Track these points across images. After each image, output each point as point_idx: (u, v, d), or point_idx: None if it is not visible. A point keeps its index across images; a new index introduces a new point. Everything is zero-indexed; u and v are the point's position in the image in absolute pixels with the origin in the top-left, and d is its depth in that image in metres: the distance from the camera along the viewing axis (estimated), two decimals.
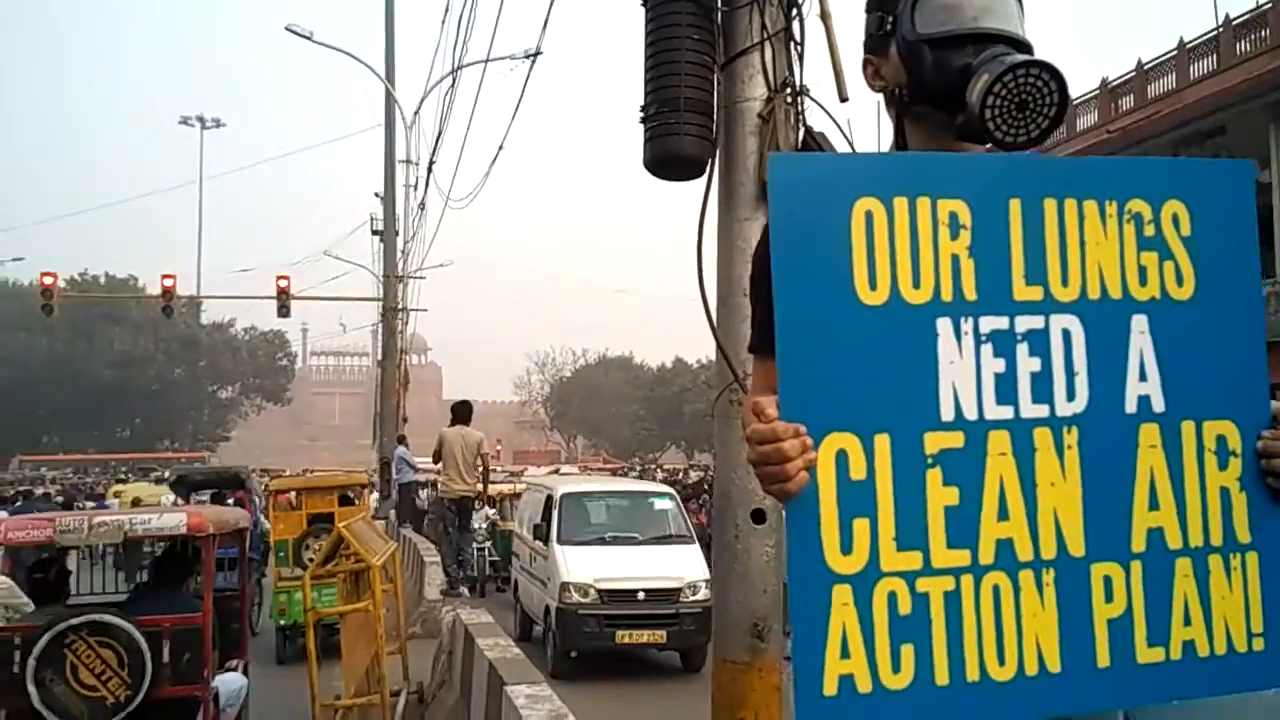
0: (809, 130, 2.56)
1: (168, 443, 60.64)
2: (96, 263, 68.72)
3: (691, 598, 10.10)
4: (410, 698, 8.47)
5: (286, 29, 22.51)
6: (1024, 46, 1.62)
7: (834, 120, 2.35)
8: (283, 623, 10.99)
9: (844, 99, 2.42)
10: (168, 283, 25.67)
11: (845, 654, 1.36)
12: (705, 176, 2.70)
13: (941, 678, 1.39)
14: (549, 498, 11.90)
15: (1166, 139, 18.53)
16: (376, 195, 25.02)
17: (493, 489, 19.68)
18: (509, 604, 14.48)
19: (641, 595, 10.24)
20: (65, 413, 55.87)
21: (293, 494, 12.95)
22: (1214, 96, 17.59)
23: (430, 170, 19.03)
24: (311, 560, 9.47)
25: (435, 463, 13.04)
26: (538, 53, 11.88)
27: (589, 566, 10.54)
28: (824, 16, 2.70)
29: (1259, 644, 1.51)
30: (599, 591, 10.29)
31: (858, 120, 1.96)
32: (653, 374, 67.91)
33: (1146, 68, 21.22)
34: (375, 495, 13.81)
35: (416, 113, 23.17)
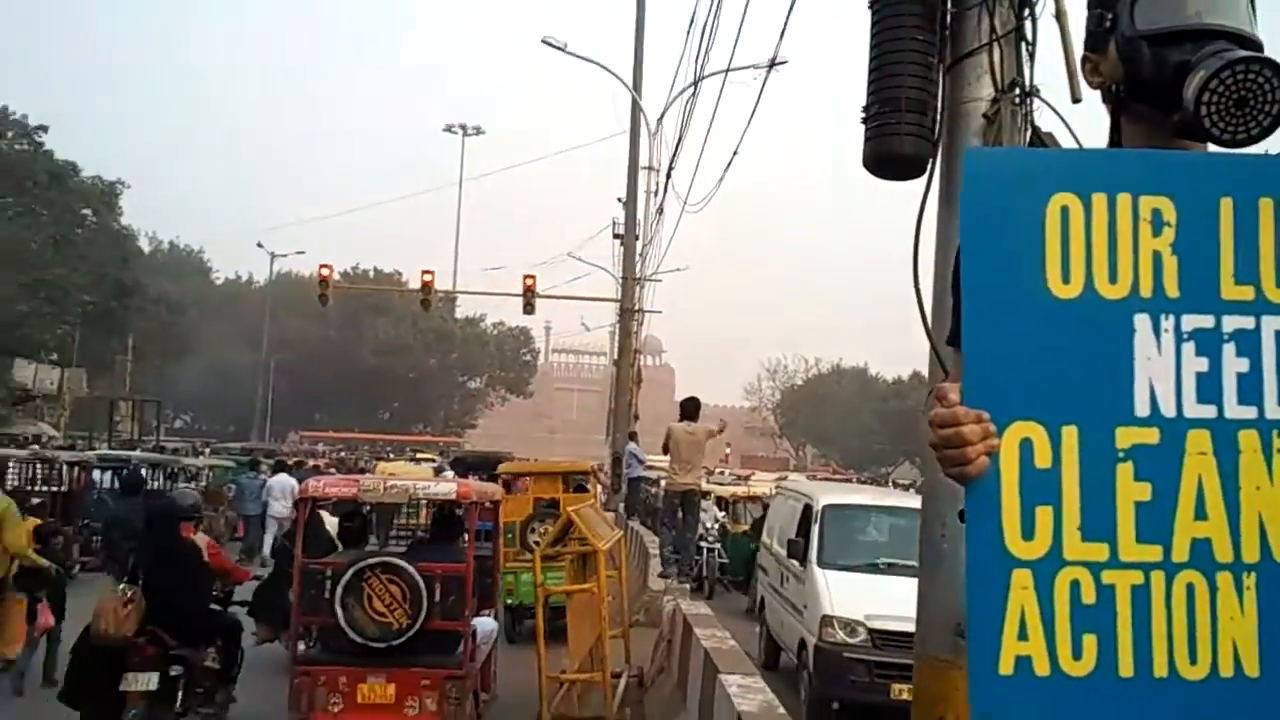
0: (1036, 130, 2.53)
1: (421, 426, 64.90)
2: (366, 258, 74.48)
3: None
4: (630, 680, 8.79)
5: (542, 41, 23.65)
6: (1250, 43, 1.58)
7: (1064, 121, 2.32)
8: (510, 602, 11.36)
9: (1077, 100, 2.39)
10: (427, 278, 27.43)
11: (1023, 636, 1.40)
12: (925, 176, 2.72)
13: (1126, 670, 1.40)
14: (808, 508, 10.32)
15: None
16: (619, 200, 25.90)
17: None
18: (739, 611, 14.00)
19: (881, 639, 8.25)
20: (334, 394, 61.01)
21: (528, 479, 13.55)
22: None
23: (669, 176, 19.50)
24: (537, 544, 10.02)
25: (664, 454, 13.07)
26: (779, 63, 11.91)
27: (858, 599, 8.64)
28: (1059, 15, 2.66)
29: None
30: (871, 632, 8.36)
31: (1095, 122, 1.94)
32: (888, 386, 66.35)
33: None
34: (600, 487, 14.15)
35: (660, 120, 23.70)
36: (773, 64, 12.23)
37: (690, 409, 12.86)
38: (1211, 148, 1.59)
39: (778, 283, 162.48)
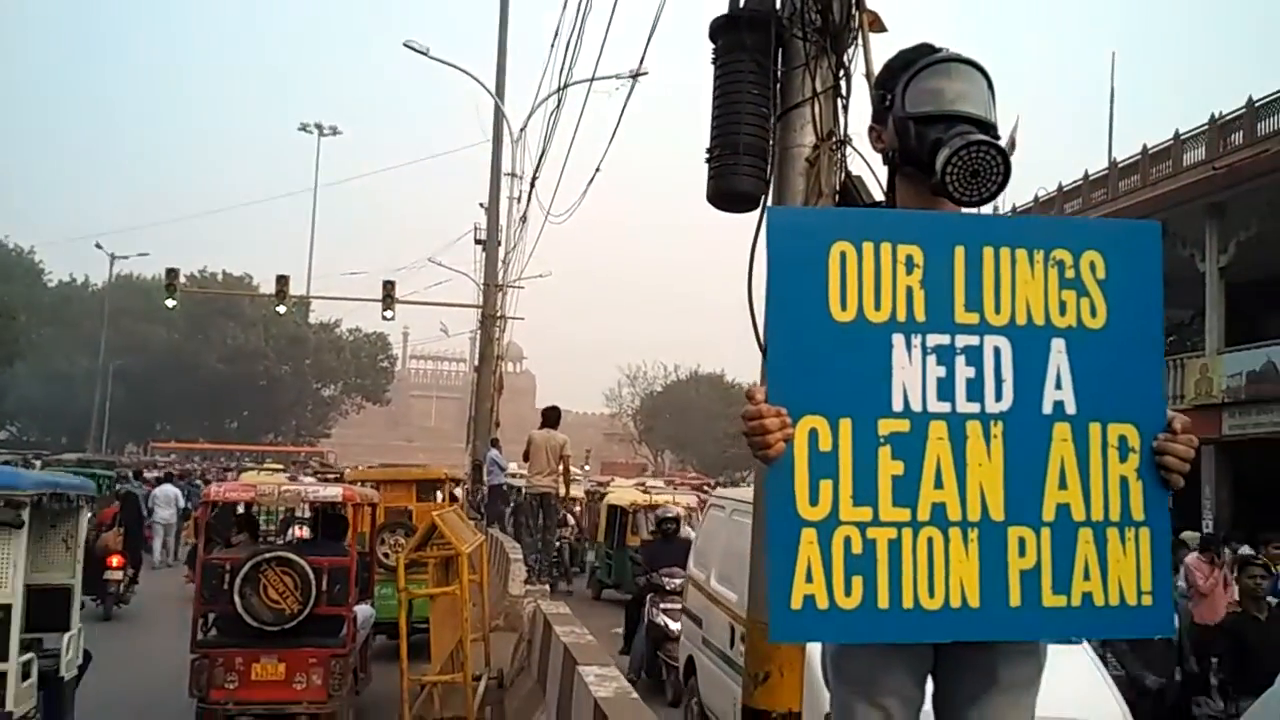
0: (848, 174, 3.01)
1: (272, 435, 63.01)
2: (215, 261, 71.86)
3: None
4: (490, 682, 9.05)
5: (405, 45, 23.60)
6: (988, 128, 2.08)
7: (869, 166, 2.79)
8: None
9: (874, 149, 2.90)
10: (280, 282, 26.85)
11: (809, 579, 1.84)
12: (759, 210, 3.18)
13: (883, 603, 1.86)
14: None
15: (1275, 178, 18.25)
16: (481, 206, 26.01)
17: (614, 499, 19.80)
18: (584, 596, 14.35)
19: None
20: (179, 402, 58.59)
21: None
22: None
23: (533, 184, 19.80)
24: (386, 555, 10.25)
25: (525, 461, 13.65)
26: (640, 74, 12.33)
27: None
28: (868, 77, 3.15)
29: (1147, 600, 1.94)
30: None
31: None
32: (744, 392, 67.97)
33: (1258, 104, 20.87)
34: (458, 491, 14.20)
35: (523, 128, 23.96)
36: (635, 75, 12.64)
37: (552, 417, 13.45)
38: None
39: (638, 290, 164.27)
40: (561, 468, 13.25)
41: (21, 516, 5.23)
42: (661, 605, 9.76)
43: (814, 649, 3.25)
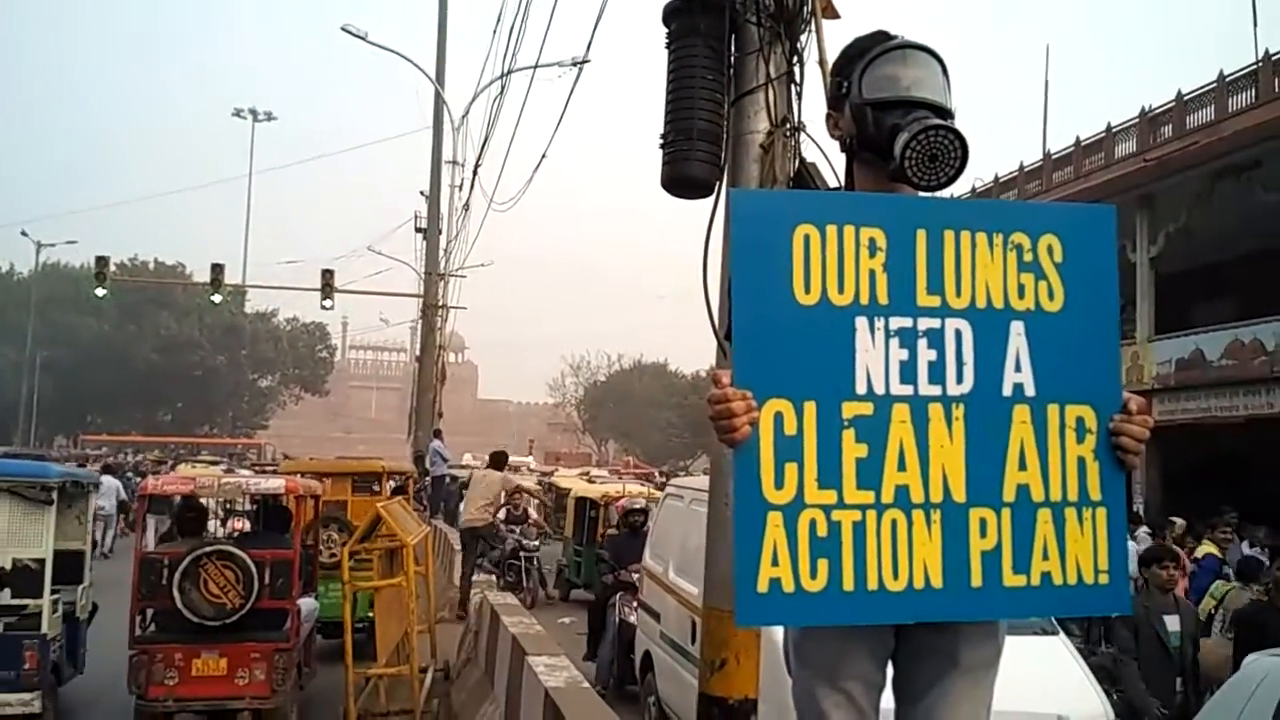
0: (803, 161, 3.00)
1: (207, 427, 61.83)
2: (146, 249, 70.16)
3: None
4: (437, 674, 8.98)
5: (342, 29, 23.23)
6: (945, 113, 2.09)
7: (824, 153, 2.80)
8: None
9: (830, 136, 2.90)
10: (215, 271, 26.34)
11: (775, 563, 1.84)
12: (713, 197, 3.17)
13: (848, 585, 1.87)
14: None
15: (1202, 170, 18.73)
16: (422, 194, 25.71)
17: (583, 491, 19.01)
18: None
19: None
20: (110, 394, 57.13)
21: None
22: (1252, 130, 17.78)
23: (476, 173, 19.62)
24: (319, 552, 10.03)
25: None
26: (584, 61, 12.24)
27: None
28: (821, 63, 3.16)
29: (1104, 579, 1.97)
30: None
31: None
32: (687, 382, 68.24)
33: (1186, 98, 21.39)
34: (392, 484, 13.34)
35: (465, 115, 23.72)
36: (578, 63, 12.56)
37: (499, 460, 14.41)
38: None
39: (583, 280, 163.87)
40: (498, 504, 13.89)
41: (51, 497, 7.36)
42: (633, 603, 9.00)
43: (773, 636, 3.27)
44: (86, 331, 54.96)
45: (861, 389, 1.91)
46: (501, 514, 14.39)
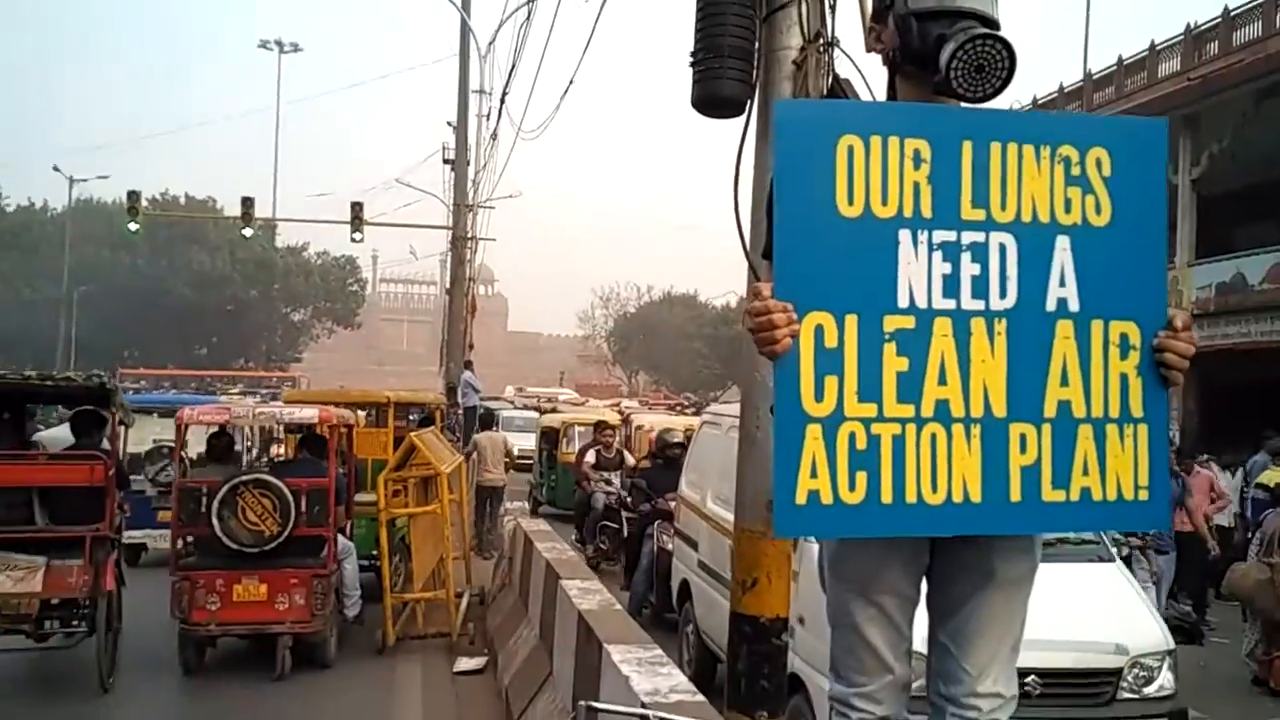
0: (836, 77, 2.94)
1: (242, 361, 62.51)
2: (177, 184, 70.25)
3: (1143, 691, 4.90)
4: (472, 599, 9.17)
5: None
6: (991, 22, 2.03)
7: (858, 69, 2.73)
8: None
9: (870, 51, 2.83)
10: (246, 205, 26.34)
11: (814, 475, 1.85)
12: (744, 115, 3.12)
13: (887, 498, 1.87)
14: None
15: (1248, 89, 18.21)
16: (449, 124, 25.47)
17: (549, 420, 19.12)
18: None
19: (1032, 685, 4.40)
20: (147, 329, 57.79)
21: None
22: None
23: (503, 101, 19.40)
24: None
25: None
26: None
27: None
28: None
29: (1144, 494, 1.96)
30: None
31: (880, 70, 2.38)
32: (716, 313, 68.11)
33: (1233, 14, 20.72)
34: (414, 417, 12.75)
35: (491, 43, 23.47)
36: None
37: (486, 420, 15.01)
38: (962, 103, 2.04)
39: (611, 212, 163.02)
40: (503, 466, 13.78)
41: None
42: (671, 532, 8.83)
43: (808, 555, 3.30)
44: (121, 267, 55.45)
45: (903, 302, 1.90)
46: (591, 457, 12.51)
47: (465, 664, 7.62)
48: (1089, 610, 4.90)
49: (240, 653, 7.59)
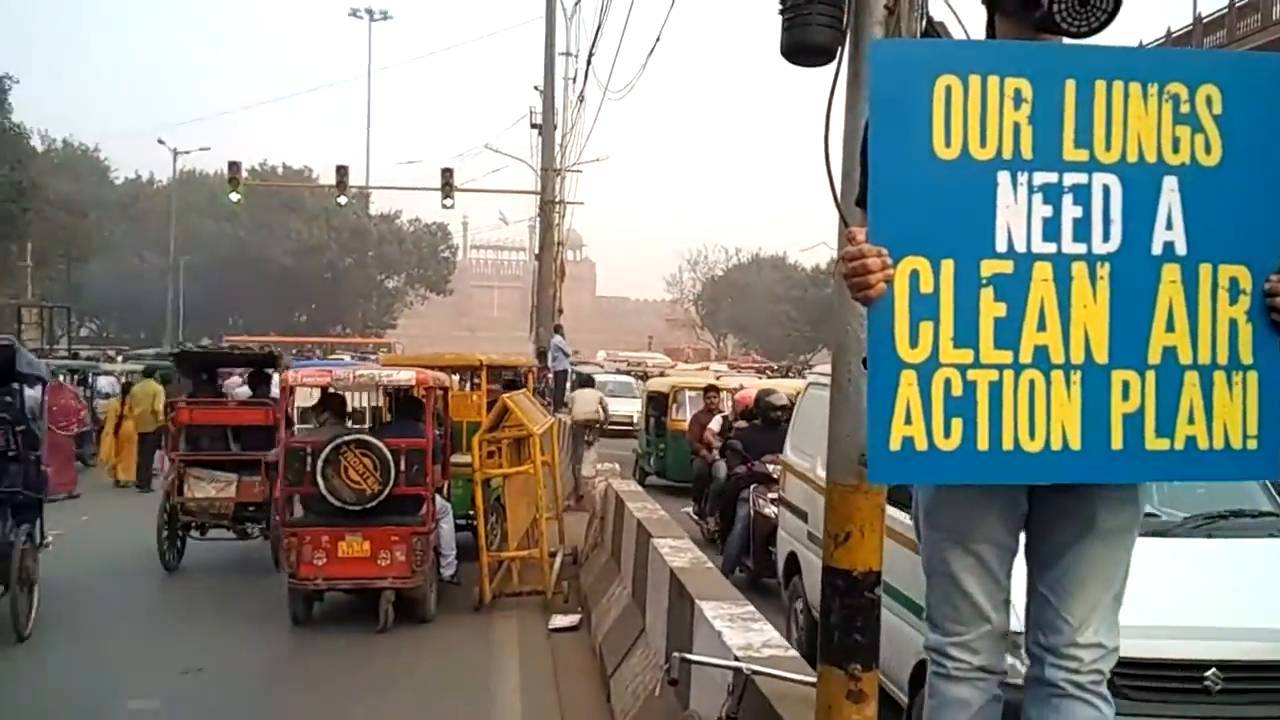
0: (930, 19, 2.86)
1: (340, 327, 64.11)
2: (274, 154, 72.10)
3: None
4: (565, 558, 9.32)
5: None
6: None
7: (952, 10, 2.67)
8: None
9: None
10: (340, 173, 26.83)
11: (908, 421, 1.84)
12: (835, 62, 3.06)
13: (983, 445, 1.85)
14: None
15: None
16: (536, 89, 25.58)
17: (656, 385, 18.93)
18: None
19: (1213, 680, 3.78)
20: (248, 296, 59.61)
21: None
22: None
23: (589, 62, 19.36)
24: None
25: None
26: None
27: None
28: None
29: (1253, 444, 1.90)
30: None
31: (977, 11, 2.32)
32: (806, 275, 67.40)
33: None
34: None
35: (577, 3, 23.36)
36: None
37: (586, 380, 16.32)
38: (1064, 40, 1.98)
39: (700, 172, 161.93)
40: (600, 413, 14.53)
41: None
42: (769, 495, 8.64)
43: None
44: (223, 237, 57.20)
45: (1002, 246, 1.87)
46: (715, 423, 12.00)
47: (560, 621, 7.76)
48: (1276, 592, 4.10)
49: (345, 606, 7.86)
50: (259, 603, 8.03)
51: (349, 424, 8.84)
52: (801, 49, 3.11)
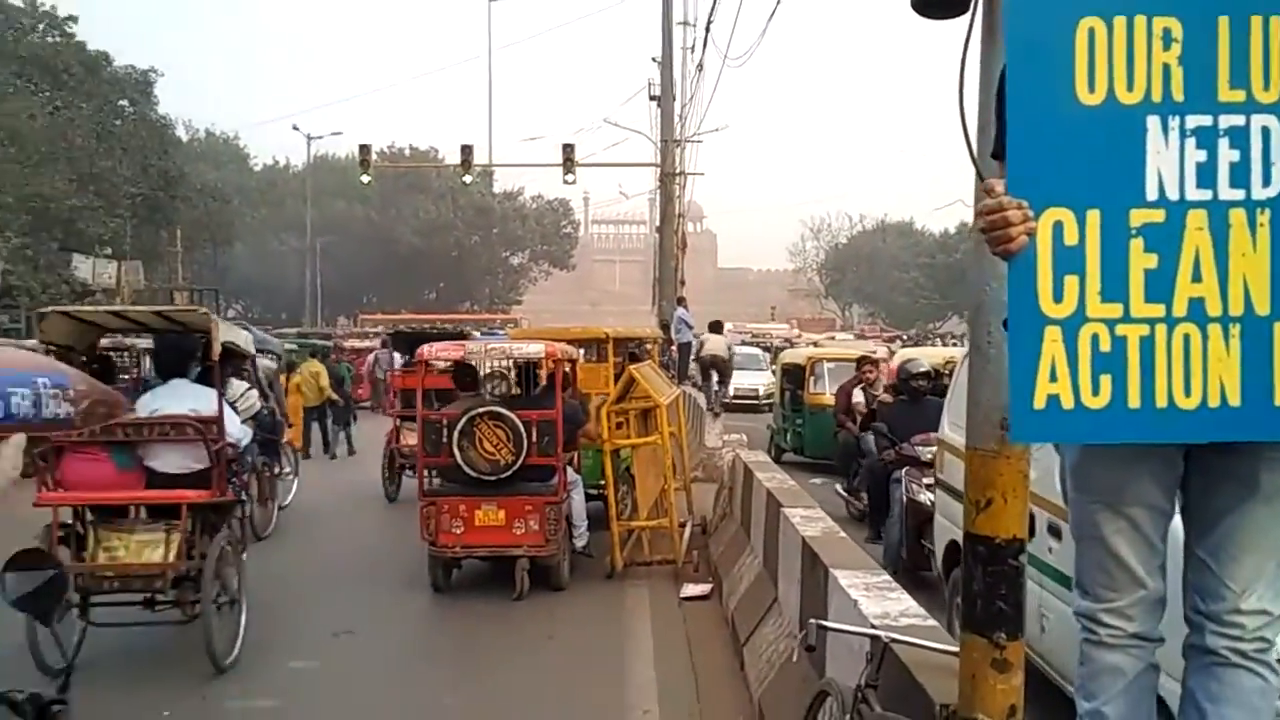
0: None
1: (468, 304, 65.58)
2: (400, 136, 73.96)
3: None
4: (694, 528, 9.38)
5: None
6: None
7: None
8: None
9: None
10: (465, 152, 27.33)
11: (1053, 378, 1.78)
12: (968, 15, 2.96)
13: (1134, 402, 1.78)
14: None
15: None
16: (654, 60, 25.50)
17: (791, 356, 18.83)
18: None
19: None
20: (380, 276, 61.54)
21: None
22: None
23: (708, 30, 19.20)
24: None
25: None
26: None
27: None
28: None
29: None
30: None
31: None
32: (934, 240, 65.67)
33: None
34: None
35: None
36: None
37: (716, 327, 18.11)
38: None
39: (821, 140, 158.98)
40: (729, 353, 17.10)
41: None
42: (923, 481, 7.89)
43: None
44: (355, 218, 59.11)
45: (1152, 194, 1.78)
46: (859, 396, 11.40)
47: (691, 590, 7.82)
48: None
49: (482, 574, 8.10)
50: (402, 569, 8.34)
51: (491, 394, 8.97)
52: (933, 1, 3.02)
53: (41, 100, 31.53)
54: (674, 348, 20.48)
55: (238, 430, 6.56)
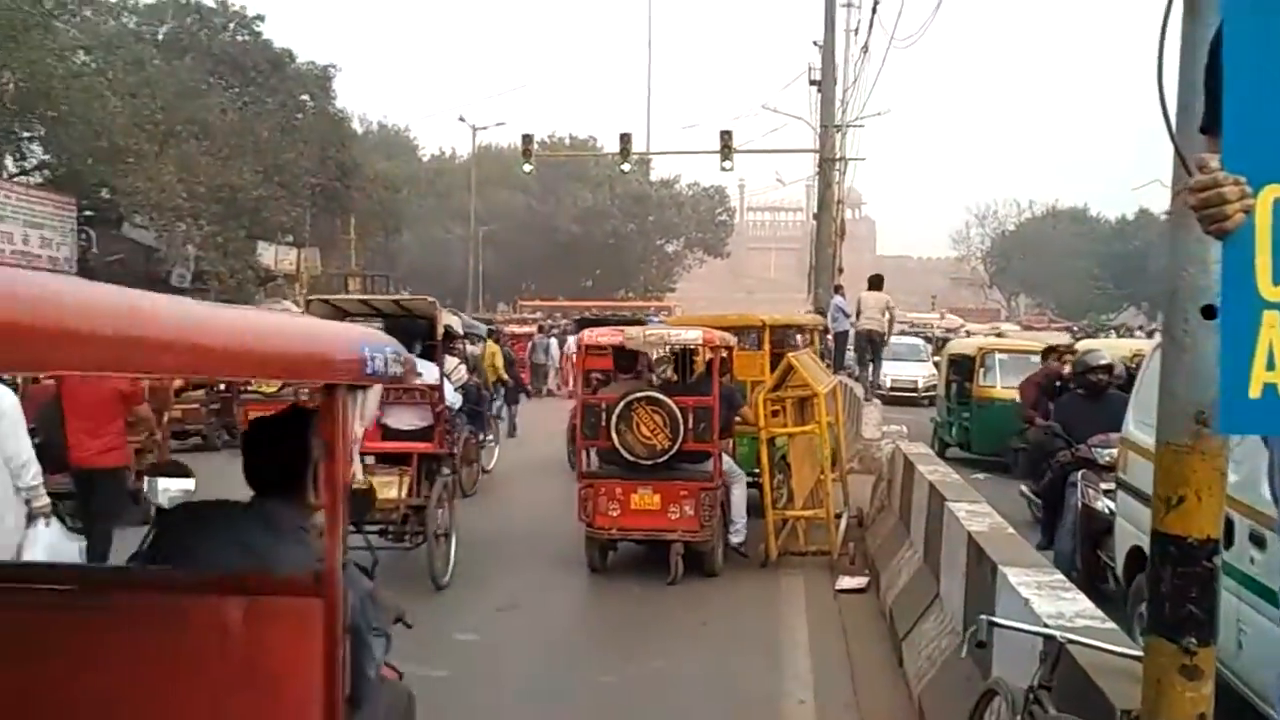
0: None
1: (624, 291, 66.36)
2: (560, 126, 75.37)
3: None
4: (851, 520, 9.22)
5: None
6: None
7: None
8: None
9: None
10: (624, 141, 27.54)
11: (1271, 366, 1.65)
12: None
13: None
14: None
15: None
16: (815, 44, 25.04)
17: (959, 347, 18.08)
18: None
19: None
20: (539, 263, 62.94)
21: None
22: None
23: (875, 9, 18.70)
24: None
25: (856, 316, 16.75)
26: None
27: None
28: None
29: None
30: None
31: None
32: (1110, 227, 62.49)
33: None
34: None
35: None
36: None
37: (876, 282, 16.93)
38: None
39: (988, 122, 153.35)
40: (887, 318, 16.19)
41: None
42: (1101, 486, 7.34)
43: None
44: (517, 207, 60.63)
45: None
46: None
47: (847, 582, 7.71)
48: None
49: (637, 556, 8.19)
50: (560, 548, 8.53)
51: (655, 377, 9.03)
52: None
53: (231, 96, 33.49)
54: (830, 336, 20.16)
55: (452, 396, 7.97)
